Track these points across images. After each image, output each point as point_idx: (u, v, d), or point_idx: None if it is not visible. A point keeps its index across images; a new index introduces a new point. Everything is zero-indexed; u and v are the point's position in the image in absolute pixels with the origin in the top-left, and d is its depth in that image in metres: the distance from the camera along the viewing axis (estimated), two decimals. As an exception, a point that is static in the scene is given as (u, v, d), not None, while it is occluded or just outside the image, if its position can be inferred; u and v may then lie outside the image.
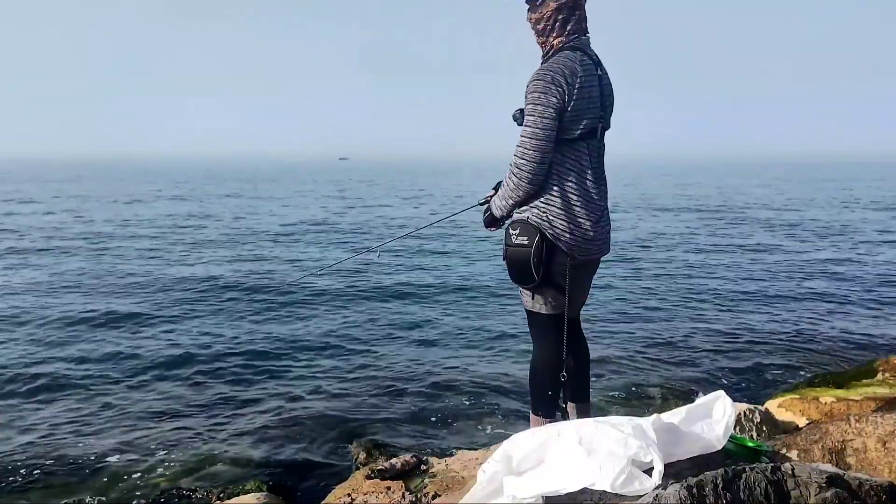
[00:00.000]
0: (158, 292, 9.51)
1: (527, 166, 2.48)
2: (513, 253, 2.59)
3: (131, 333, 7.29)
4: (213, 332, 7.39)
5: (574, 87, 2.44)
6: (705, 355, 6.54)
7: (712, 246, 14.62)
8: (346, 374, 6.03)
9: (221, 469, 4.21)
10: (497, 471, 2.07)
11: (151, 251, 13.66)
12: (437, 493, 2.91)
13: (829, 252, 13.62)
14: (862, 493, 1.77)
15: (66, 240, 15.21)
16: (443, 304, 8.92)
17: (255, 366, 6.22)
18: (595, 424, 2.08)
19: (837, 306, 8.63)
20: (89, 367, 6.19)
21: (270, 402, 5.36)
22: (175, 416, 5.06)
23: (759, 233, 17.20)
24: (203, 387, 5.69)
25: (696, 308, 8.60)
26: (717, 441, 2.11)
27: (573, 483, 1.91)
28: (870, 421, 2.72)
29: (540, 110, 2.44)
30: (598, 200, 2.61)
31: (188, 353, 6.55)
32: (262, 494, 3.63)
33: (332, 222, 20.17)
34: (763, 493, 1.73)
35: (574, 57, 2.48)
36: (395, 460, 3.28)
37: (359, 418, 5.02)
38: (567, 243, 2.54)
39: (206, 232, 17.32)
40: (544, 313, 2.67)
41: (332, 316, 8.18)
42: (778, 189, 39.94)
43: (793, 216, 21.77)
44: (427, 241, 14.74)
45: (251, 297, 9.17)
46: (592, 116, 2.52)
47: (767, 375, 6.00)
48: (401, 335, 7.32)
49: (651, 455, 1.91)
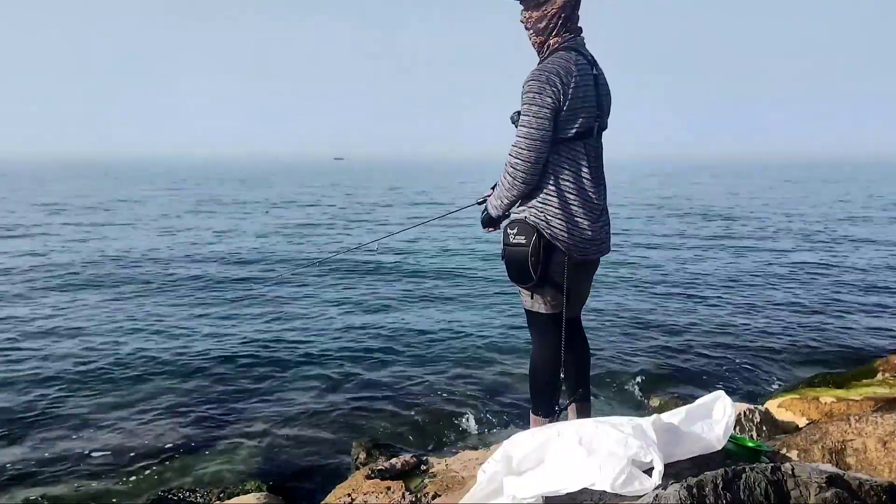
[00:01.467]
0: (157, 293, 9.51)
1: (521, 166, 2.48)
2: (511, 252, 2.59)
3: (130, 334, 7.29)
4: (211, 333, 7.39)
5: (569, 86, 2.44)
6: (705, 355, 6.54)
7: (712, 246, 14.62)
8: (346, 374, 6.02)
9: (221, 469, 4.21)
10: (497, 471, 2.07)
11: (151, 251, 13.67)
12: (437, 493, 2.91)
13: (829, 252, 13.61)
14: (862, 493, 1.77)
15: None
16: (442, 303, 8.92)
17: (255, 366, 6.22)
18: (595, 424, 2.08)
19: (837, 306, 8.63)
20: (89, 366, 6.19)
21: (270, 402, 5.36)
22: (175, 416, 5.06)
23: (759, 233, 17.20)
24: (203, 387, 5.69)
25: (696, 308, 8.59)
26: (717, 441, 2.11)
27: (573, 483, 1.91)
28: (870, 421, 2.72)
29: (535, 110, 2.45)
30: (596, 200, 2.61)
31: (188, 355, 6.55)
32: (262, 494, 3.63)
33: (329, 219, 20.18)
34: (763, 493, 1.73)
35: (569, 57, 2.49)
36: (395, 460, 3.28)
37: (359, 418, 5.03)
38: (564, 243, 2.54)
39: (204, 234, 17.32)
40: (543, 313, 2.67)
41: (332, 316, 8.18)
42: (778, 189, 39.94)
43: (793, 216, 21.78)
44: (426, 239, 14.74)
45: (250, 298, 9.18)
46: (588, 116, 2.53)
47: (767, 375, 6.00)
48: (400, 335, 7.31)
49: (651, 455, 1.91)
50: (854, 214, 22.39)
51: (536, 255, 2.54)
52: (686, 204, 27.73)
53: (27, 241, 14.95)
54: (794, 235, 16.55)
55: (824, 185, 44.09)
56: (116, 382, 5.78)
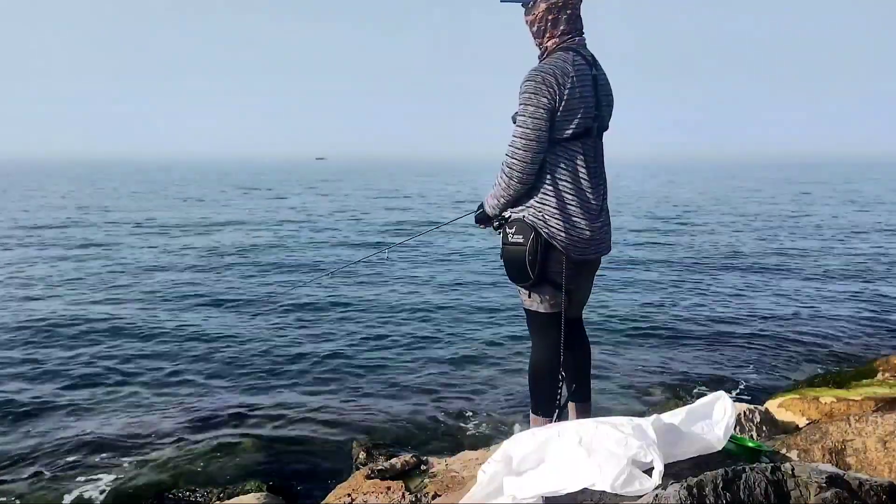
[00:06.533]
0: (156, 292, 9.51)
1: (517, 165, 2.49)
2: (509, 251, 2.60)
3: (129, 335, 7.29)
4: (210, 334, 7.39)
5: (565, 87, 2.45)
6: (705, 355, 6.54)
7: (712, 246, 14.62)
8: (346, 374, 6.03)
9: (221, 469, 4.21)
10: (497, 471, 2.07)
11: (148, 252, 13.67)
12: (437, 493, 2.91)
13: (828, 252, 13.62)
14: (862, 493, 1.76)
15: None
16: (441, 303, 8.92)
17: (255, 367, 6.22)
18: (595, 424, 2.08)
19: (837, 306, 8.63)
20: (89, 365, 6.19)
21: (271, 401, 5.36)
22: (175, 416, 5.07)
23: (759, 233, 17.20)
24: (203, 388, 5.69)
25: (696, 308, 8.60)
26: (717, 441, 2.11)
27: (573, 483, 1.91)
28: (870, 421, 2.72)
29: (531, 110, 2.45)
30: (594, 200, 2.60)
31: (187, 356, 6.56)
32: (262, 494, 3.63)
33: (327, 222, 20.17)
34: (763, 493, 1.73)
35: (567, 57, 2.49)
36: (395, 460, 3.28)
37: (359, 418, 5.03)
38: (562, 242, 2.54)
39: (206, 238, 17.31)
40: (542, 312, 2.67)
41: (332, 318, 8.18)
42: (778, 190, 39.92)
43: (792, 216, 21.78)
44: (426, 241, 14.73)
45: (250, 301, 9.18)
46: (586, 116, 2.53)
47: (767, 375, 6.00)
48: (400, 336, 7.31)
49: (651, 455, 1.91)
50: (853, 214, 22.39)
51: (534, 255, 2.54)
52: (685, 204, 27.72)
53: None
54: (795, 235, 16.55)
55: (824, 185, 44.07)
56: (116, 383, 5.78)
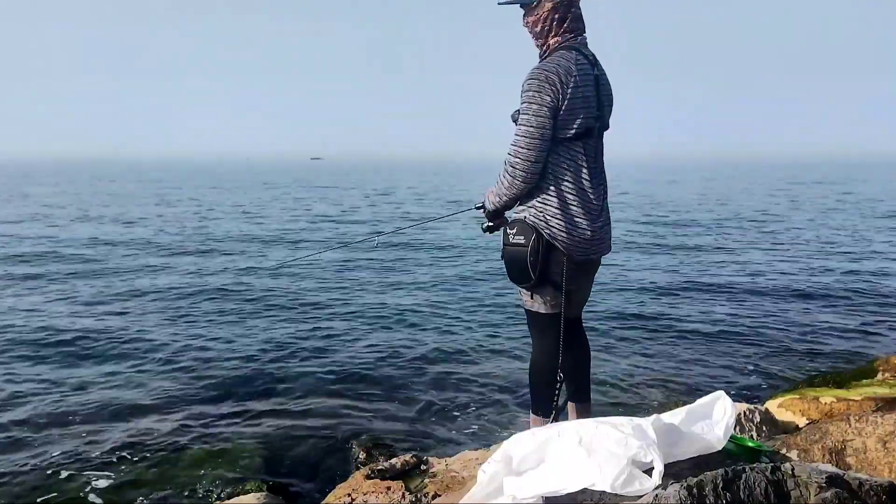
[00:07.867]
0: (155, 294, 9.51)
1: (521, 165, 2.49)
2: (510, 252, 2.60)
3: (128, 335, 7.28)
4: (210, 334, 7.38)
5: (568, 86, 2.44)
6: (705, 355, 6.54)
7: (711, 246, 14.62)
8: (345, 374, 6.02)
9: (221, 469, 4.20)
10: (497, 471, 2.07)
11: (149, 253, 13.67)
12: (437, 493, 2.91)
13: (828, 252, 13.61)
14: (862, 493, 1.76)
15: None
16: (442, 303, 8.91)
17: (254, 367, 6.21)
18: (595, 424, 2.08)
19: (837, 306, 8.63)
20: (89, 366, 6.19)
21: (270, 402, 5.36)
22: (174, 416, 5.06)
23: (759, 233, 17.20)
24: (202, 387, 5.68)
25: (696, 308, 8.59)
26: (717, 441, 2.11)
27: (573, 483, 1.91)
28: (870, 421, 2.72)
29: (534, 109, 2.45)
30: (596, 200, 2.60)
31: (186, 355, 6.55)
32: (262, 494, 3.63)
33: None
34: (763, 493, 1.73)
35: (569, 56, 2.49)
36: (395, 460, 3.28)
37: (359, 418, 5.02)
38: (563, 243, 2.54)
39: (202, 236, 17.32)
40: (543, 313, 2.67)
41: (332, 317, 8.17)
42: (779, 190, 39.92)
43: (792, 216, 21.77)
44: (424, 238, 14.73)
45: (245, 297, 9.17)
46: (588, 116, 2.53)
47: (767, 375, 5.99)
48: (399, 335, 7.31)
49: (651, 455, 1.91)
50: (852, 214, 22.39)
51: (535, 255, 2.54)
52: (685, 204, 27.71)
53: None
54: (795, 235, 16.55)
55: (824, 186, 44.06)
56: (115, 383, 5.77)
